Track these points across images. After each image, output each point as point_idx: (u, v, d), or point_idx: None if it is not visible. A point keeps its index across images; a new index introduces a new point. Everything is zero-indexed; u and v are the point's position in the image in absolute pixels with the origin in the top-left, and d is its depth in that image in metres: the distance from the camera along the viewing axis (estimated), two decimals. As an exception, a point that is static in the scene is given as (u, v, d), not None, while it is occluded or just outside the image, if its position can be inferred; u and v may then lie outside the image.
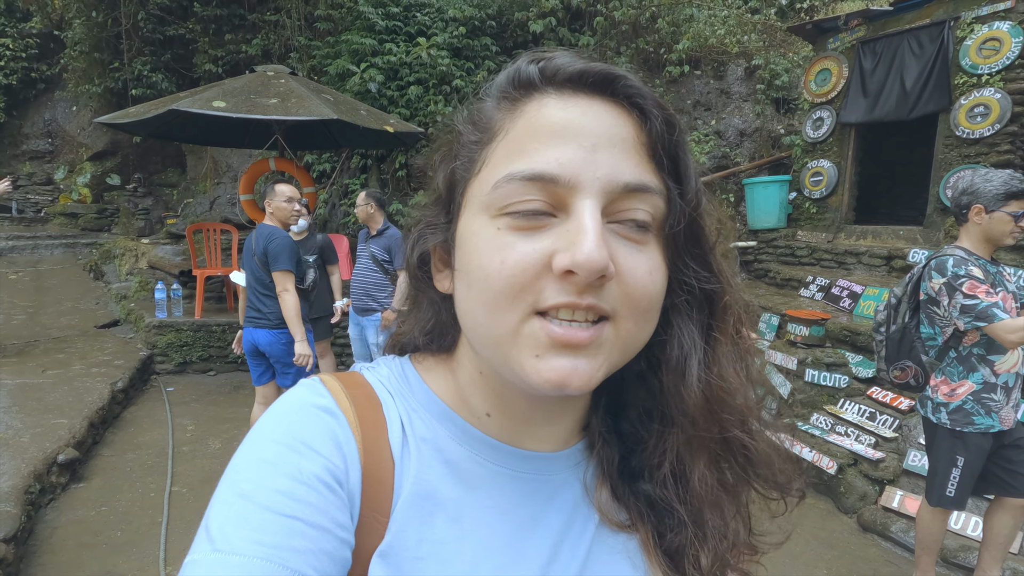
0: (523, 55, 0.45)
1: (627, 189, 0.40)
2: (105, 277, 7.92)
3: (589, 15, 7.63)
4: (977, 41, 4.49)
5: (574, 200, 0.39)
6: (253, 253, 3.28)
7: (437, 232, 0.48)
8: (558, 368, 0.39)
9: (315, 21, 8.27)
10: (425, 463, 0.45)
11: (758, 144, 6.87)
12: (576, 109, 0.41)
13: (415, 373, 0.51)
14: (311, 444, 0.41)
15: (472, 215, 0.43)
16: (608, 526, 0.49)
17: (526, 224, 0.40)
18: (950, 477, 2.29)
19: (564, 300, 0.38)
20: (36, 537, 2.80)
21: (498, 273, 0.39)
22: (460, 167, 0.45)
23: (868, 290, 4.58)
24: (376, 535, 0.42)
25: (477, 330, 0.43)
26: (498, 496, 0.46)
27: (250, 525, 0.36)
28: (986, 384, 2.21)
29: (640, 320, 0.42)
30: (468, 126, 0.46)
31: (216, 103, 4.75)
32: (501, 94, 0.45)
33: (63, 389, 4.21)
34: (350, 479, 0.41)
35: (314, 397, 0.44)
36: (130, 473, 3.50)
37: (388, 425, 0.45)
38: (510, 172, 0.40)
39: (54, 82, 10.87)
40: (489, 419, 0.48)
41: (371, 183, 7.97)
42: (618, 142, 0.41)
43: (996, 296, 2.09)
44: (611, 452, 0.51)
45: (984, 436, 2.24)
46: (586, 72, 0.41)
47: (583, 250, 0.37)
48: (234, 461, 0.41)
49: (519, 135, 0.42)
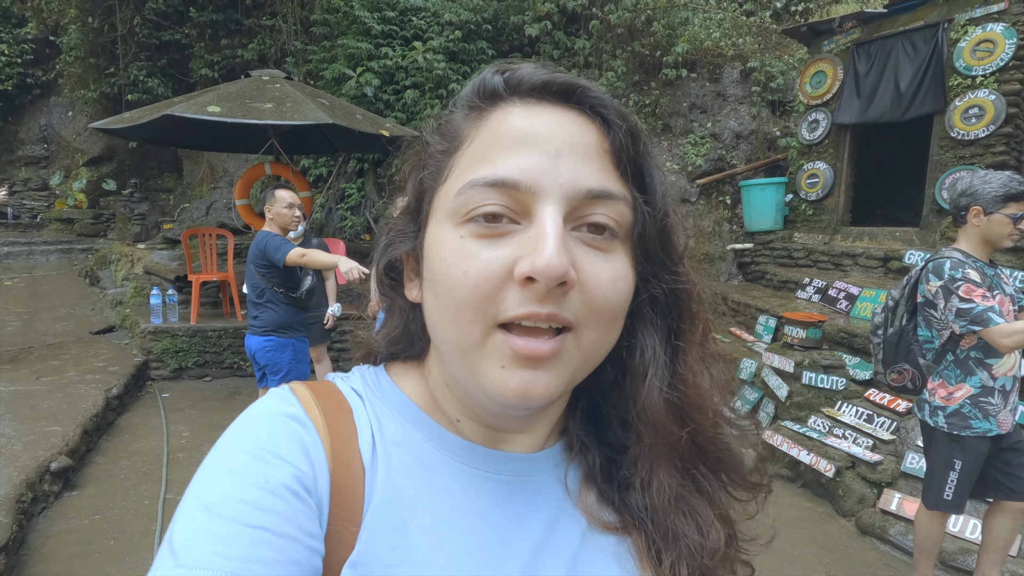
0: (489, 67, 0.45)
1: (590, 195, 0.40)
2: (101, 283, 7.89)
3: (585, 19, 7.65)
4: (971, 43, 4.50)
5: (536, 206, 0.39)
6: (252, 261, 3.29)
7: (406, 240, 0.48)
8: (521, 379, 0.39)
9: (311, 26, 8.28)
10: (396, 468, 0.44)
11: (754, 146, 6.88)
12: (539, 117, 0.41)
13: (388, 379, 0.51)
14: (278, 452, 0.40)
15: (438, 223, 0.43)
16: (597, 528, 0.49)
17: (488, 231, 0.40)
18: (947, 481, 2.27)
19: (524, 311, 0.38)
20: (28, 547, 2.78)
21: (462, 283, 0.39)
22: (428, 176, 0.46)
23: (865, 292, 4.58)
24: (346, 545, 0.41)
25: (445, 341, 0.43)
26: (475, 498, 0.45)
27: (214, 538, 0.35)
28: (984, 388, 2.20)
29: (602, 329, 0.42)
30: (436, 136, 0.46)
31: (211, 108, 4.74)
32: (468, 104, 0.45)
33: (57, 396, 4.18)
34: (319, 487, 0.41)
35: (282, 405, 0.44)
36: (124, 481, 3.48)
37: (359, 432, 0.45)
38: (472, 179, 0.40)
39: (50, 87, 10.85)
40: (459, 423, 0.48)
41: (367, 187, 7.97)
42: (581, 149, 0.41)
43: (993, 300, 2.08)
44: (593, 458, 0.51)
45: (982, 440, 2.23)
46: (550, 82, 0.42)
47: (543, 256, 0.37)
48: (199, 473, 0.40)
49: (483, 143, 0.42)
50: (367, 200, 7.96)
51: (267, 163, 5.89)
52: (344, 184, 8.15)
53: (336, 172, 8.18)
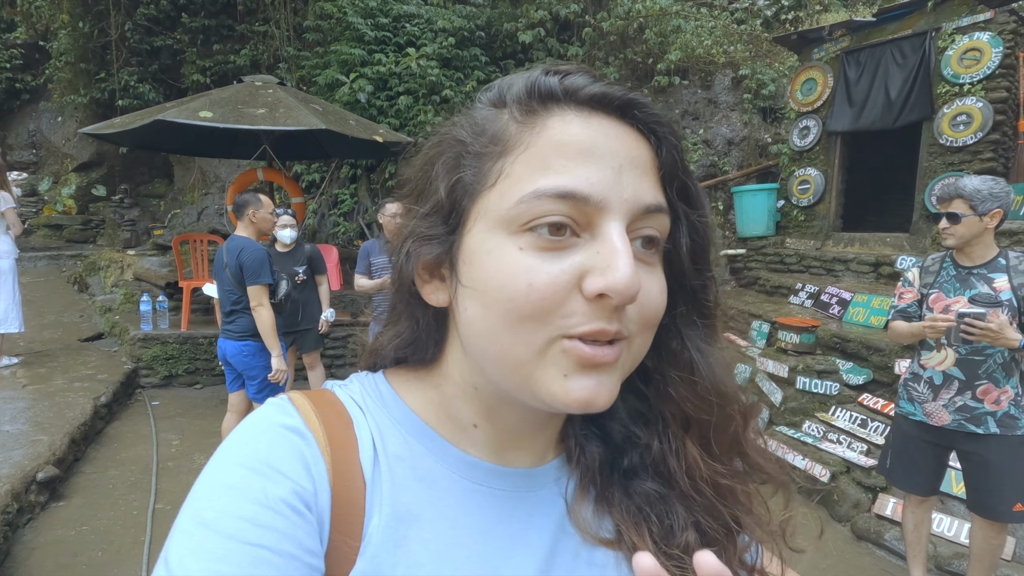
0: (536, 67, 0.44)
1: (647, 210, 0.41)
2: (90, 289, 7.80)
3: (577, 26, 7.70)
4: (958, 51, 4.56)
5: (601, 221, 0.39)
6: (224, 266, 3.25)
7: (433, 244, 0.45)
8: (587, 387, 0.40)
9: (304, 32, 8.28)
10: (399, 483, 0.43)
11: (746, 153, 6.93)
12: (599, 129, 0.41)
13: (390, 389, 0.49)
14: (278, 467, 0.39)
15: (487, 230, 0.41)
16: (593, 544, 0.48)
17: (550, 244, 0.39)
18: (888, 449, 2.55)
19: (595, 327, 0.39)
20: (13, 559, 2.72)
21: (525, 296, 0.38)
22: (468, 177, 0.43)
23: (857, 297, 4.61)
24: (347, 560, 0.40)
25: (493, 351, 0.41)
26: (476, 515, 0.45)
27: (212, 556, 0.35)
28: (914, 374, 2.40)
29: (648, 336, 0.43)
30: (476, 136, 0.44)
31: (203, 113, 4.71)
32: (518, 104, 0.43)
33: (44, 404, 4.12)
34: (319, 502, 0.40)
35: (281, 417, 0.43)
36: (112, 491, 3.42)
37: (359, 444, 0.44)
38: (537, 188, 0.39)
39: (39, 93, 10.76)
40: (476, 430, 0.47)
41: (360, 193, 7.95)
42: (639, 164, 0.41)
43: (907, 299, 2.38)
44: (592, 456, 0.51)
45: (906, 420, 2.41)
46: (609, 95, 0.41)
47: (621, 275, 0.37)
48: (197, 487, 0.39)
49: (543, 150, 0.40)
50: (360, 206, 7.94)
51: (260, 169, 5.86)
52: (337, 190, 8.13)
53: (329, 178, 8.15)
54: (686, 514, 0.49)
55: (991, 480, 2.22)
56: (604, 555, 0.48)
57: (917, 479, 2.42)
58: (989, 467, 2.21)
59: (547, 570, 0.46)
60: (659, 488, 0.50)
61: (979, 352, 2.19)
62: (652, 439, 0.50)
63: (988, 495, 2.25)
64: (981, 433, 2.20)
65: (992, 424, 2.19)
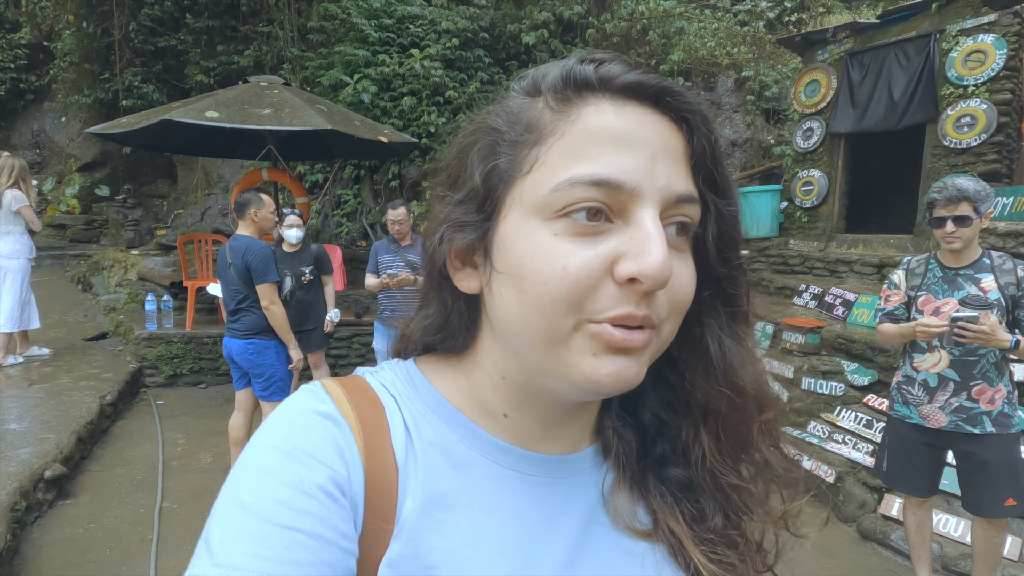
0: (572, 56, 0.45)
1: (679, 199, 0.41)
2: (93, 289, 7.81)
3: (581, 27, 7.72)
4: (962, 53, 4.57)
5: (635, 208, 0.40)
6: (229, 265, 3.26)
7: (467, 231, 0.45)
8: (615, 364, 0.40)
9: (308, 33, 8.30)
10: (432, 468, 0.44)
11: (749, 154, 6.94)
12: (633, 117, 0.41)
13: (421, 375, 0.50)
14: (313, 452, 0.40)
15: (522, 217, 0.42)
16: (628, 534, 0.49)
17: (585, 230, 0.40)
18: (883, 453, 2.53)
19: (623, 311, 0.39)
20: (21, 556, 2.72)
21: (559, 280, 0.39)
22: (503, 164, 0.44)
23: (861, 298, 4.62)
24: (382, 543, 0.41)
25: (525, 333, 0.42)
26: (511, 499, 0.46)
27: (250, 538, 0.36)
28: (907, 377, 2.39)
29: (676, 323, 0.44)
30: (511, 125, 0.44)
31: (209, 113, 4.72)
32: (552, 92, 0.43)
33: (50, 403, 4.12)
34: (353, 487, 0.41)
35: (315, 403, 0.44)
36: (119, 489, 3.42)
37: (391, 430, 0.45)
38: (572, 175, 0.40)
39: (43, 93, 10.79)
40: (506, 419, 0.48)
41: (364, 194, 7.96)
42: (672, 153, 0.42)
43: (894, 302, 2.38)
44: (628, 444, 0.52)
45: (902, 423, 2.40)
46: (643, 83, 0.42)
47: (654, 260, 0.38)
48: (235, 471, 0.40)
49: (577, 139, 0.41)
50: (363, 206, 7.96)
51: (264, 169, 5.87)
52: (340, 190, 8.14)
53: (332, 178, 8.17)
54: (713, 499, 0.50)
55: (989, 479, 2.24)
56: (636, 544, 0.49)
57: (916, 481, 2.42)
58: (988, 467, 2.23)
59: (579, 555, 0.46)
60: (688, 474, 0.51)
61: (972, 353, 2.20)
62: (680, 426, 0.51)
63: (983, 493, 2.26)
64: (978, 433, 2.22)
65: (988, 424, 2.20)
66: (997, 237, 3.86)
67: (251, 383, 3.43)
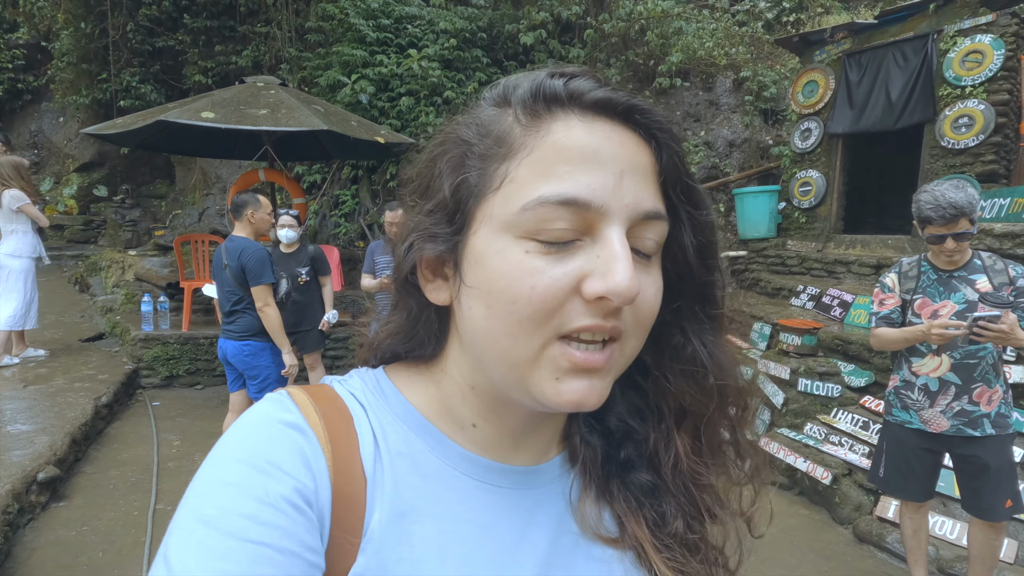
0: (541, 70, 0.44)
1: (647, 216, 0.42)
2: (91, 290, 7.80)
3: (579, 28, 7.71)
4: (960, 53, 4.57)
5: (602, 226, 0.40)
6: (224, 266, 3.25)
7: (437, 241, 0.45)
8: (577, 389, 0.41)
9: (306, 33, 8.29)
10: (400, 478, 0.43)
11: (747, 155, 6.93)
12: (602, 134, 0.41)
13: (390, 384, 0.49)
14: (278, 463, 0.39)
15: (492, 233, 0.42)
16: (595, 541, 0.49)
17: (554, 248, 0.40)
18: (880, 459, 2.50)
19: (590, 322, 0.40)
20: (13, 559, 2.71)
21: (527, 299, 0.40)
22: (473, 179, 0.43)
23: (859, 299, 4.60)
24: (348, 556, 0.40)
25: (494, 351, 0.42)
26: (479, 511, 0.45)
27: (213, 554, 0.35)
28: (905, 382, 2.36)
29: (640, 337, 0.44)
30: (480, 137, 0.44)
31: (205, 114, 4.72)
32: (522, 107, 0.43)
33: (45, 404, 4.11)
34: (320, 499, 0.40)
35: (281, 412, 0.42)
36: (113, 491, 3.41)
37: (360, 440, 0.44)
38: (541, 195, 0.40)
39: (41, 93, 10.78)
40: (475, 429, 0.47)
41: (362, 194, 7.95)
42: (640, 170, 0.42)
43: (889, 305, 2.34)
44: (594, 450, 0.52)
45: (902, 429, 2.38)
46: (613, 100, 0.42)
47: (619, 278, 0.38)
48: (195, 483, 0.39)
49: (547, 155, 0.41)
50: (361, 207, 7.95)
51: (261, 169, 5.86)
52: (338, 191, 8.13)
53: (330, 179, 8.17)
54: (675, 504, 0.51)
55: (991, 481, 2.23)
56: (605, 551, 0.49)
57: (915, 487, 2.41)
58: (989, 469, 2.23)
59: (549, 565, 0.46)
60: (653, 479, 0.51)
61: (973, 355, 2.20)
62: (648, 432, 0.52)
63: (985, 496, 2.26)
64: (979, 436, 2.21)
65: (988, 426, 2.20)
66: (993, 238, 3.85)
67: (246, 385, 3.42)
